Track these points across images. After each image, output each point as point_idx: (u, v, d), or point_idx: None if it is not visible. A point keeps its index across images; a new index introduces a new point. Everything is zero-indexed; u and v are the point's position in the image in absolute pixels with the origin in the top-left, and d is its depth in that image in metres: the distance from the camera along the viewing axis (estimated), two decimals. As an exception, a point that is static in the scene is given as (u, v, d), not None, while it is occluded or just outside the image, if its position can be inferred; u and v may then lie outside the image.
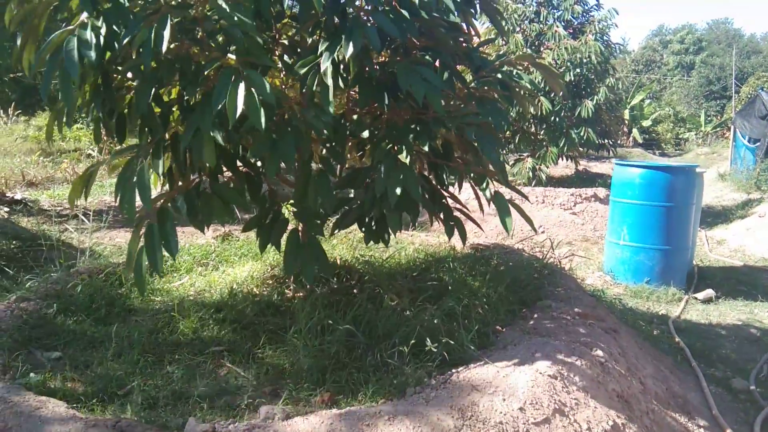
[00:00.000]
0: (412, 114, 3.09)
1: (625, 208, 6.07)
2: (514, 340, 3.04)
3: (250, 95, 2.35)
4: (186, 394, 2.66)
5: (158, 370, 2.88)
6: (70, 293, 3.73)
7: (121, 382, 2.74)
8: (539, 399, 2.41)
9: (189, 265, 4.45)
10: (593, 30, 9.56)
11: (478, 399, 2.36)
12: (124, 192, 2.45)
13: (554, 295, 3.79)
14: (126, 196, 2.39)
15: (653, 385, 3.23)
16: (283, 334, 3.16)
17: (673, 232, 5.92)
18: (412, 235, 5.83)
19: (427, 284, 3.79)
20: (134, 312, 3.67)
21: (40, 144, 13.73)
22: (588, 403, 2.56)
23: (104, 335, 3.25)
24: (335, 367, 2.82)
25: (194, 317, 3.41)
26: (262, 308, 3.49)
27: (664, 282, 5.96)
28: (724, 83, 31.90)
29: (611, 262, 6.31)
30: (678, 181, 5.84)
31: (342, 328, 2.96)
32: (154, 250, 2.42)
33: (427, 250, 4.89)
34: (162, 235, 2.44)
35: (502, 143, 5.48)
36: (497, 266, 4.24)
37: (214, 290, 3.76)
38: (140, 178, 2.37)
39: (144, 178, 2.38)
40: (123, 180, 2.41)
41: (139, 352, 3.05)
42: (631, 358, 3.28)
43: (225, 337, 3.24)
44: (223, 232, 5.55)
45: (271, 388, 2.74)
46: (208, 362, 3.00)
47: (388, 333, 3.06)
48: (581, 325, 3.30)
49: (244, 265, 4.18)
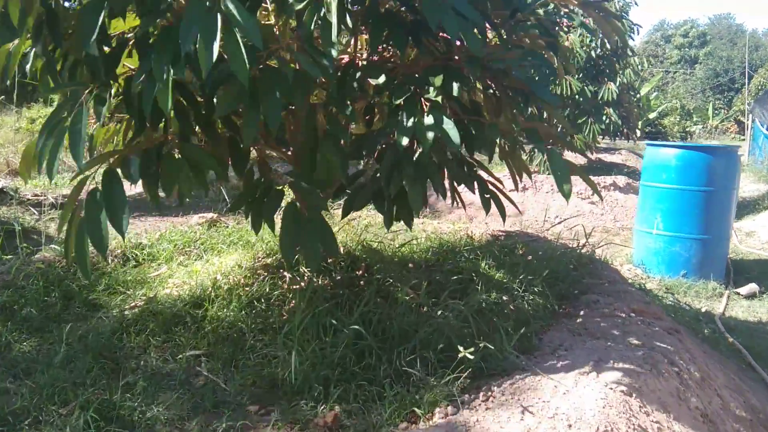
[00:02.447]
0: (434, 61, 2.48)
1: (659, 193, 5.45)
2: (564, 343, 2.44)
3: (230, 34, 1.74)
4: (147, 413, 2.05)
5: (116, 381, 2.27)
6: (22, 284, 3.12)
7: (65, 397, 2.14)
8: (615, 425, 1.81)
9: (169, 253, 3.84)
10: (614, 7, 8.92)
11: (535, 426, 1.75)
12: (43, 147, 1.82)
13: (599, 289, 3.19)
14: (47, 152, 1.76)
15: (730, 398, 2.62)
16: (275, 334, 2.55)
17: (712, 219, 5.31)
18: (423, 222, 5.22)
19: (446, 276, 3.18)
20: (97, 308, 3.06)
21: (32, 136, 13.10)
22: (672, 427, 1.95)
23: (56, 336, 2.65)
24: (340, 378, 2.21)
25: (167, 313, 2.80)
26: (251, 302, 2.88)
27: (703, 275, 5.35)
28: (732, 75, 31.27)
29: (642, 254, 5.70)
30: (719, 163, 5.23)
31: (348, 330, 2.34)
32: (97, 225, 1.80)
33: (442, 238, 4.27)
34: (108, 205, 1.82)
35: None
36: (525, 256, 3.64)
37: (194, 282, 3.15)
38: (74, 126, 1.73)
39: (78, 126, 1.74)
40: (47, 130, 1.78)
41: (95, 357, 2.44)
42: (702, 365, 2.68)
43: (204, 338, 2.63)
44: (210, 218, 4.93)
45: (259, 405, 2.13)
46: (181, 371, 2.39)
47: (404, 334, 2.45)
48: (639, 324, 2.70)
49: (232, 255, 3.57)
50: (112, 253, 3.83)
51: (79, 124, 1.72)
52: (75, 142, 1.69)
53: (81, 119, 1.74)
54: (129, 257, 3.78)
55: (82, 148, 1.73)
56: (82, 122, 1.73)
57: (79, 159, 1.72)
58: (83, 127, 1.73)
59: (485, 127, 2.45)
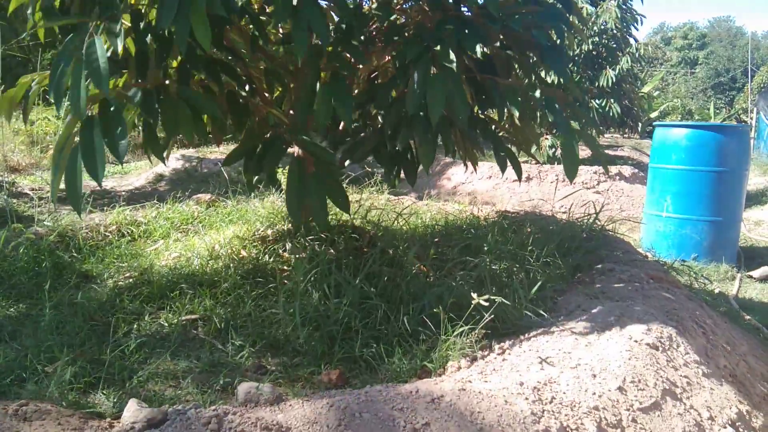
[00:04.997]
0: (444, 14, 2.35)
1: (669, 175, 5.30)
2: (582, 305, 2.30)
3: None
4: (138, 372, 1.91)
5: (106, 343, 2.13)
6: (12, 254, 2.99)
7: (51, 356, 2.00)
8: (642, 376, 1.67)
9: (165, 230, 3.71)
10: (617, -1, 8.80)
11: (557, 376, 1.62)
12: (61, 76, 1.67)
13: (615, 259, 3.05)
14: (64, 81, 1.61)
15: (756, 364, 2.49)
16: (275, 299, 2.42)
17: (724, 201, 5.15)
18: (427, 204, 5.09)
19: (452, 249, 3.04)
20: (89, 278, 2.93)
21: (30, 136, 12.97)
22: (701, 383, 1.82)
23: (45, 302, 2.51)
24: (345, 337, 2.08)
25: (163, 281, 2.67)
26: (250, 271, 2.74)
27: (714, 258, 5.19)
28: (733, 74, 31.14)
29: (651, 237, 5.54)
30: (731, 143, 5.08)
31: (355, 284, 2.20)
32: (93, 149, 1.65)
33: (447, 216, 4.15)
34: (105, 129, 1.67)
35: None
36: (534, 231, 3.50)
37: (191, 254, 3.01)
38: (90, 55, 1.60)
39: (96, 54, 1.60)
40: (63, 57, 1.64)
41: (85, 320, 2.30)
42: (725, 331, 2.54)
43: (200, 304, 2.50)
44: (209, 198, 4.80)
45: (258, 364, 1.99)
46: (175, 333, 2.25)
47: (414, 295, 2.32)
48: (661, 289, 2.56)
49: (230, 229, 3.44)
50: (107, 228, 3.71)
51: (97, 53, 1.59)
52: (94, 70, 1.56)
53: (97, 49, 1.60)
54: (124, 233, 3.65)
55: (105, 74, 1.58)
56: (99, 52, 1.59)
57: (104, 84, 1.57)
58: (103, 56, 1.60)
59: (501, 87, 2.31)
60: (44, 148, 12.01)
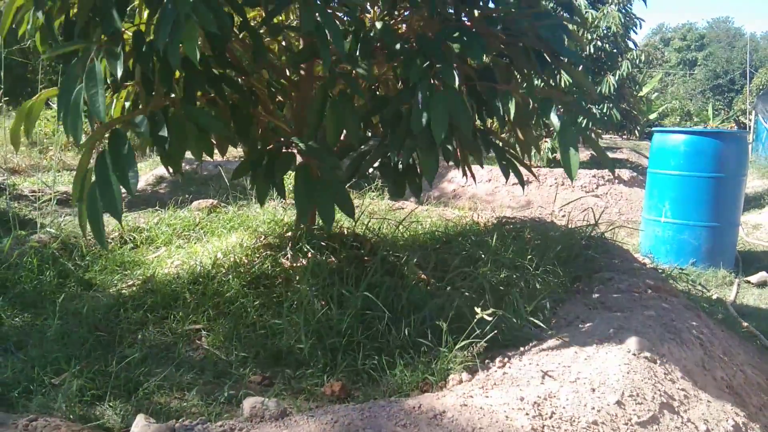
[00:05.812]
0: (443, 23, 2.38)
1: (667, 180, 5.33)
2: (580, 316, 2.33)
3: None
4: (144, 384, 1.94)
5: (111, 354, 2.16)
6: (16, 262, 3.01)
7: (58, 367, 2.02)
8: (640, 390, 1.70)
9: (167, 236, 3.73)
10: (616, 0, 8.82)
11: (557, 390, 1.65)
12: (66, 107, 1.73)
13: (613, 267, 3.08)
14: (70, 112, 1.68)
15: (753, 374, 2.52)
16: (279, 309, 2.44)
17: (722, 206, 5.18)
18: (428, 209, 5.12)
19: (453, 256, 3.07)
20: (92, 286, 2.95)
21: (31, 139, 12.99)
22: (699, 395, 1.85)
23: (49, 311, 2.54)
24: (348, 349, 2.11)
25: (166, 290, 2.69)
26: (253, 280, 2.77)
27: (712, 264, 5.23)
28: (731, 76, 31.21)
29: (650, 242, 5.58)
30: (729, 149, 5.11)
31: (357, 295, 2.23)
32: (108, 185, 1.71)
33: (447, 223, 4.17)
34: (116, 165, 1.72)
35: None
36: (534, 237, 3.53)
37: (194, 262, 3.04)
38: (89, 82, 1.64)
39: (95, 79, 1.65)
40: (67, 87, 1.69)
41: (90, 330, 2.33)
42: (723, 341, 2.57)
43: (203, 313, 2.52)
44: (210, 204, 4.82)
45: (262, 376, 2.02)
46: (180, 344, 2.28)
47: (415, 306, 2.35)
48: (658, 299, 2.59)
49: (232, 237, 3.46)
50: (109, 236, 3.73)
51: (95, 78, 1.63)
52: (94, 96, 1.61)
53: (96, 75, 1.64)
54: (126, 240, 3.68)
55: (102, 99, 1.63)
56: (98, 77, 1.64)
57: (101, 113, 1.63)
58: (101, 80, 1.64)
59: (499, 93, 2.34)
60: (43, 150, 12.05)
